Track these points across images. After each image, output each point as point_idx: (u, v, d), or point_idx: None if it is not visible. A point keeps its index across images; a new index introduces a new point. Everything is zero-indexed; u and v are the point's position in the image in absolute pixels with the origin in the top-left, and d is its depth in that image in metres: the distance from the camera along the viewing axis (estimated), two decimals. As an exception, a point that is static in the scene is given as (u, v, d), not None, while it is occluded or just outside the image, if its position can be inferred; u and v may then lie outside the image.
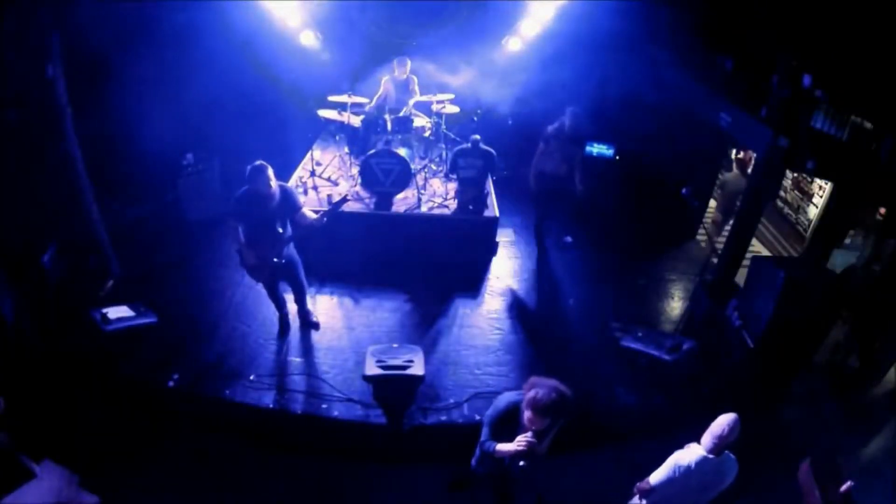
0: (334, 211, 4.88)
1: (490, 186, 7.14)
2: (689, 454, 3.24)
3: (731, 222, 6.81)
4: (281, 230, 4.75)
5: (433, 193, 7.11)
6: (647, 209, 7.75)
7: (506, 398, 3.29)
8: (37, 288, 4.97)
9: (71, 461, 3.94)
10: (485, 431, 3.30)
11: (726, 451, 3.24)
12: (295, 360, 5.12)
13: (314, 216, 4.82)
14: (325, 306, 5.88)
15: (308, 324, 5.48)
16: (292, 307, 5.45)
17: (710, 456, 3.19)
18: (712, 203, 8.47)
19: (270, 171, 4.54)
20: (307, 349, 5.22)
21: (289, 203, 4.74)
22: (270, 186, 4.53)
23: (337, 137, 7.69)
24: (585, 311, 6.10)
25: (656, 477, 3.30)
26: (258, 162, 4.55)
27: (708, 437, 3.20)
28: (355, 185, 6.99)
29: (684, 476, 3.21)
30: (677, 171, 7.30)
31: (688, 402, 4.94)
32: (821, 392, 5.52)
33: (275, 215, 4.69)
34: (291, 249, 4.99)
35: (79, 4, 5.08)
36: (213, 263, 6.40)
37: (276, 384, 4.80)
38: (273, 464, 4.41)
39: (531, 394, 3.04)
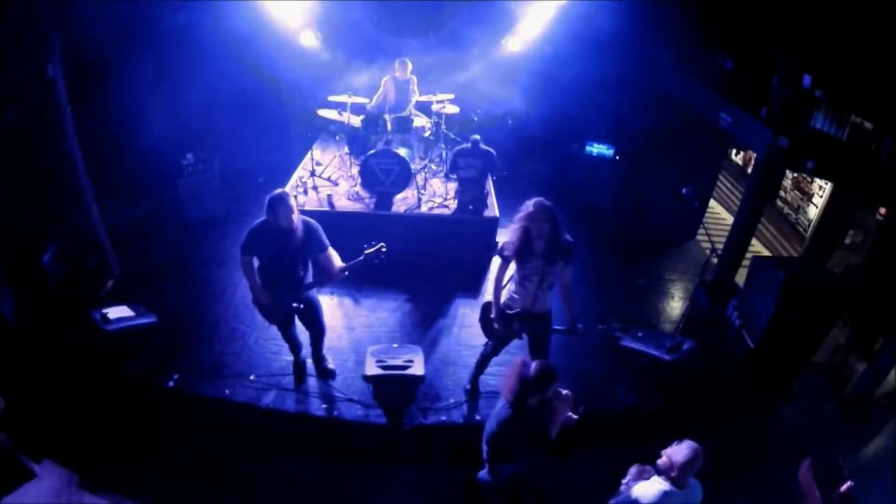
0: (364, 263, 4.20)
1: (490, 186, 7.14)
2: (651, 490, 2.88)
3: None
4: (303, 273, 4.24)
5: (433, 193, 7.11)
6: (647, 209, 7.75)
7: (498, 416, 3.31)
8: (37, 288, 4.96)
9: (71, 461, 3.95)
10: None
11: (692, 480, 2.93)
12: (295, 360, 5.11)
13: (340, 263, 4.19)
14: (326, 306, 5.81)
15: (323, 371, 4.89)
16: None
17: (675, 490, 2.83)
18: (713, 203, 8.48)
19: (293, 202, 3.96)
20: (307, 349, 5.20)
21: (313, 241, 4.14)
22: (292, 220, 3.93)
23: (337, 137, 7.68)
24: (585, 311, 6.09)
25: None
26: (278, 190, 3.96)
27: (674, 470, 2.84)
28: (355, 185, 6.99)
29: None
30: (677, 171, 7.32)
31: (688, 402, 4.94)
32: (821, 392, 5.52)
33: (296, 255, 4.14)
34: (313, 292, 4.46)
35: (79, 4, 5.09)
36: (213, 263, 6.39)
37: (276, 384, 4.79)
38: (273, 464, 4.40)
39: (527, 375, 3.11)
